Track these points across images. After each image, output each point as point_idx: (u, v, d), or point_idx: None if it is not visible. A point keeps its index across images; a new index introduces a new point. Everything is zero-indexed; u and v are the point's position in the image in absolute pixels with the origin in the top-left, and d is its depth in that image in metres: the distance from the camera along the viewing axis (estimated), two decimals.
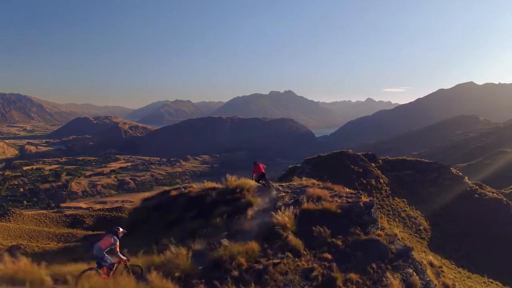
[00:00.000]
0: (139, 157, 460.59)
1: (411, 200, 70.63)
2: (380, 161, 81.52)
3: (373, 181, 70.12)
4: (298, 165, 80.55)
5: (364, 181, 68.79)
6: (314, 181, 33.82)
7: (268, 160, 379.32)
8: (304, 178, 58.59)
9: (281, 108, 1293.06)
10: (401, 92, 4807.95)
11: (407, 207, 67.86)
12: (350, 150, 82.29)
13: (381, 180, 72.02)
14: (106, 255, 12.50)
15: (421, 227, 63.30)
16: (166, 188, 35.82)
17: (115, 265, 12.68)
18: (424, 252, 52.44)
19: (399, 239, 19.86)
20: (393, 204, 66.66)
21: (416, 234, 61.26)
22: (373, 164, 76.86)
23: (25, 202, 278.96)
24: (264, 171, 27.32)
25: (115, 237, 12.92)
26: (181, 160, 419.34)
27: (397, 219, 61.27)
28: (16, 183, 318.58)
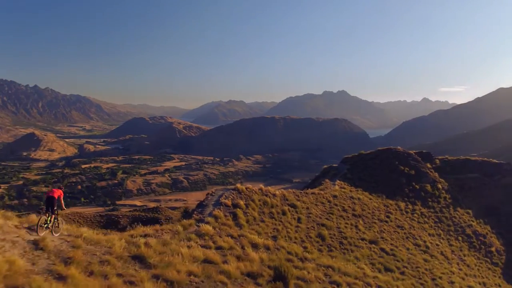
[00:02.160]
0: (192, 156, 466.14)
1: (478, 212, 57.75)
2: (437, 161, 68.48)
3: (428, 187, 58.20)
4: (334, 165, 68.84)
5: (417, 186, 57.51)
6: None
7: (320, 161, 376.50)
8: (338, 182, 53.14)
9: (335, 108, 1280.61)
10: (459, 92, 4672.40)
11: (472, 221, 54.99)
12: (399, 147, 69.75)
13: (439, 185, 59.54)
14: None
15: (493, 248, 50.47)
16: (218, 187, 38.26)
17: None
18: (499, 286, 41.89)
19: None
20: (455, 217, 53.66)
21: (486, 259, 48.31)
22: (428, 165, 64.32)
23: (82, 199, 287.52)
24: (54, 195, 15.58)
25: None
26: (234, 160, 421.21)
27: (460, 237, 49.36)
28: (74, 180, 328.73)
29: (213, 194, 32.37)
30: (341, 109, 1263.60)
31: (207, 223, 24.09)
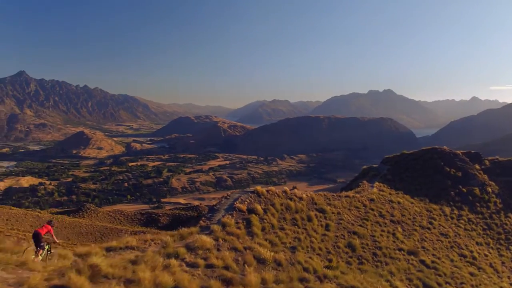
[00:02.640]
0: (237, 155, 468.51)
1: None
2: (487, 162, 62.52)
3: (476, 190, 52.89)
4: (374, 165, 64.19)
5: (464, 190, 52.36)
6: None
7: (364, 161, 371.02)
8: (376, 184, 49.28)
9: (380, 107, 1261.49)
10: (510, 90, 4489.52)
11: None
12: (445, 147, 64.39)
13: (489, 189, 54.00)
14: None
15: None
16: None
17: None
18: None
19: None
20: (506, 224, 48.19)
21: None
22: (477, 167, 58.76)
23: (128, 197, 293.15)
24: (40, 231, 16.04)
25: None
26: (277, 159, 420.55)
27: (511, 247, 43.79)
28: (121, 178, 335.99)
29: (228, 197, 29.60)
30: (387, 108, 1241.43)
31: (211, 232, 21.13)
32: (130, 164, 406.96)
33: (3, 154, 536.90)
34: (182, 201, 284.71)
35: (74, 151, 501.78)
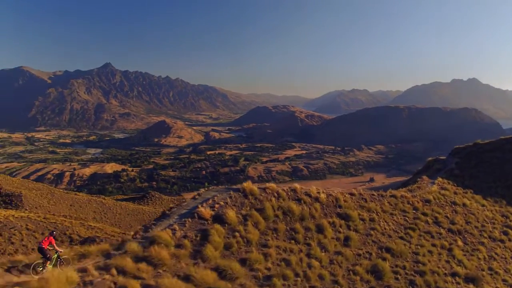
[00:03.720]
0: (313, 145, 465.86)
1: None
2: None
3: None
4: (441, 157, 53.99)
5: None
6: None
7: (446, 153, 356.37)
8: (438, 180, 39.95)
9: (464, 97, 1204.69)
10: None
11: None
12: None
13: None
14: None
15: None
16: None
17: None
18: None
19: None
20: None
21: None
22: None
23: (206, 184, 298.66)
24: (43, 246, 16.22)
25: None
26: (355, 150, 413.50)
27: None
28: (199, 166, 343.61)
29: (196, 197, 23.22)
30: (471, 98, 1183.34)
31: (124, 253, 15.32)
32: (209, 152, 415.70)
33: (90, 141, 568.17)
34: None
35: (156, 140, 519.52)
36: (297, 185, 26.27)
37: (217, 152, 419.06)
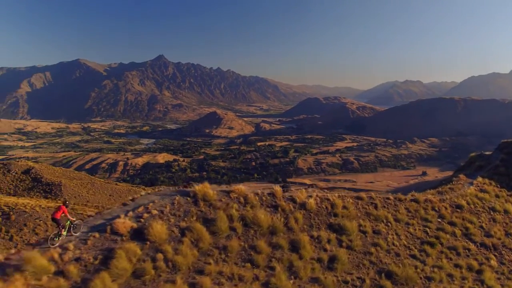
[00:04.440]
0: (365, 137, 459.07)
1: None
2: None
3: None
4: (487, 152, 47.22)
5: None
6: None
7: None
8: (478, 180, 33.97)
9: None
10: None
11: None
12: None
13: None
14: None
15: None
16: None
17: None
18: None
19: None
20: None
21: None
22: None
23: (255, 175, 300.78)
24: (56, 216, 15.60)
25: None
26: (407, 142, 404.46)
27: None
28: (249, 157, 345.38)
29: (128, 203, 18.94)
30: None
31: None
32: (259, 143, 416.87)
33: (143, 132, 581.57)
34: (307, 181, 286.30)
35: (207, 130, 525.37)
36: (277, 188, 21.72)
37: (267, 143, 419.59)
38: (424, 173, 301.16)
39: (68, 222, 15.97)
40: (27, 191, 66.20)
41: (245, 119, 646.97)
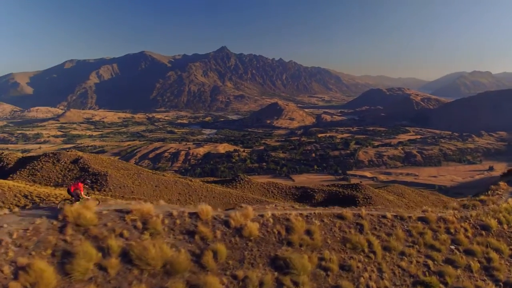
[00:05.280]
0: (429, 130, 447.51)
1: None
2: None
3: None
4: None
5: None
6: None
7: None
8: None
9: None
10: None
11: None
12: None
13: None
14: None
15: None
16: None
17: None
18: None
19: None
20: None
21: None
22: None
23: (315, 167, 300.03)
24: (71, 188, 16.52)
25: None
26: (474, 136, 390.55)
27: None
28: (309, 148, 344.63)
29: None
30: None
31: None
32: (319, 135, 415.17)
33: (205, 122, 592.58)
34: (368, 174, 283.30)
35: (268, 121, 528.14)
36: (206, 207, 15.95)
37: (328, 135, 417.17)
38: (491, 168, 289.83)
39: (75, 199, 16.85)
40: (74, 181, 67.85)
41: (306, 110, 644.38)
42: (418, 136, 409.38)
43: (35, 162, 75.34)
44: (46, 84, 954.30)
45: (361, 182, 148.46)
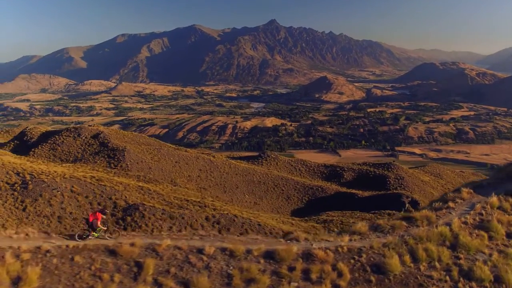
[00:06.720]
0: (484, 106, 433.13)
1: None
2: None
3: None
4: None
5: None
6: None
7: None
8: (491, 199, 18.17)
9: None
10: None
11: None
12: None
13: None
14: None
15: None
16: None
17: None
18: None
19: None
20: None
21: None
22: None
23: (363, 142, 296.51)
24: (89, 219, 17.16)
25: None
26: None
27: None
28: (357, 123, 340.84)
29: None
30: None
31: None
32: (368, 110, 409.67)
33: (254, 96, 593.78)
34: (417, 151, 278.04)
35: (317, 95, 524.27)
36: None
37: (377, 109, 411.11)
38: None
39: (94, 230, 17.22)
40: (93, 156, 66.30)
41: (356, 84, 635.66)
42: (472, 113, 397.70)
43: (56, 136, 75.96)
44: (99, 58, 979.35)
45: (410, 158, 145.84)
